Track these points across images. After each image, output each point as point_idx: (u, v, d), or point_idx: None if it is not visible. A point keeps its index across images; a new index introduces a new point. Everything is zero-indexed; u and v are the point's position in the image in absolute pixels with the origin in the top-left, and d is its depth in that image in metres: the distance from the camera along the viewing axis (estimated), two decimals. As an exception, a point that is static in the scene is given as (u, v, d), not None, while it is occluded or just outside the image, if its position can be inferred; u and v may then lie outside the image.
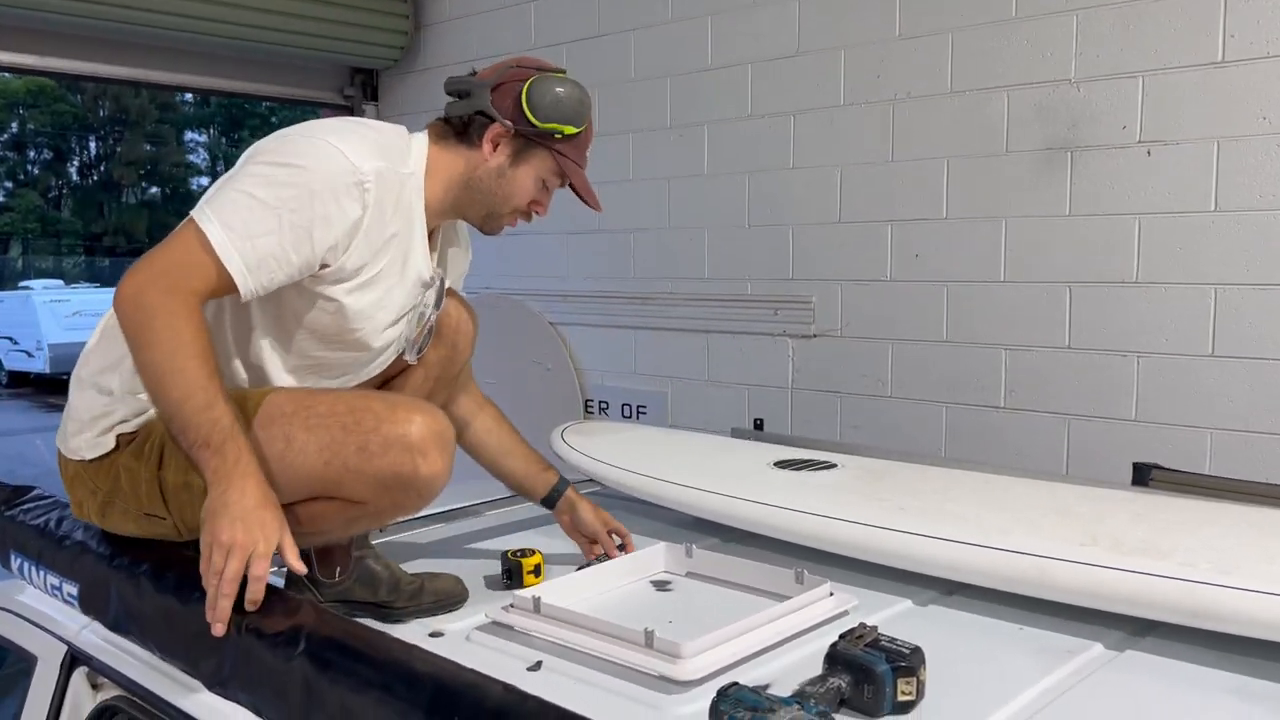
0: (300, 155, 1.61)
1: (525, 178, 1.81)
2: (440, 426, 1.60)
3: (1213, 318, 3.14)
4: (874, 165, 3.80)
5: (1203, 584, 1.57)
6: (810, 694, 1.37)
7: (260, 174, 1.60)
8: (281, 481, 1.59)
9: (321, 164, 1.61)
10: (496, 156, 1.80)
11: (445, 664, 1.19)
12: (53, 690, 1.85)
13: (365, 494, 1.59)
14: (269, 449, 1.59)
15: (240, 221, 1.56)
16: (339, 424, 1.58)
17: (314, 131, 1.67)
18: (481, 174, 1.80)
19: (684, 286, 4.42)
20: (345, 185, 1.61)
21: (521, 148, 1.79)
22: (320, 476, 1.59)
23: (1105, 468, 3.32)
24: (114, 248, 35.20)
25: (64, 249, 35.63)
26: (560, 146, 1.79)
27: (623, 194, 4.59)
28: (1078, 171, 3.35)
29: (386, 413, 1.58)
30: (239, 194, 1.58)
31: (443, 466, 1.59)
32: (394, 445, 1.55)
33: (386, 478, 1.56)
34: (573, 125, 1.78)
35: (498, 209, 1.84)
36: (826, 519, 1.97)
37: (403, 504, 1.63)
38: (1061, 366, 3.42)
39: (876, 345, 3.84)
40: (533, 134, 1.77)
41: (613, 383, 4.68)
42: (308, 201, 1.58)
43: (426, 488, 1.59)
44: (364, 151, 1.65)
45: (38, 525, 1.85)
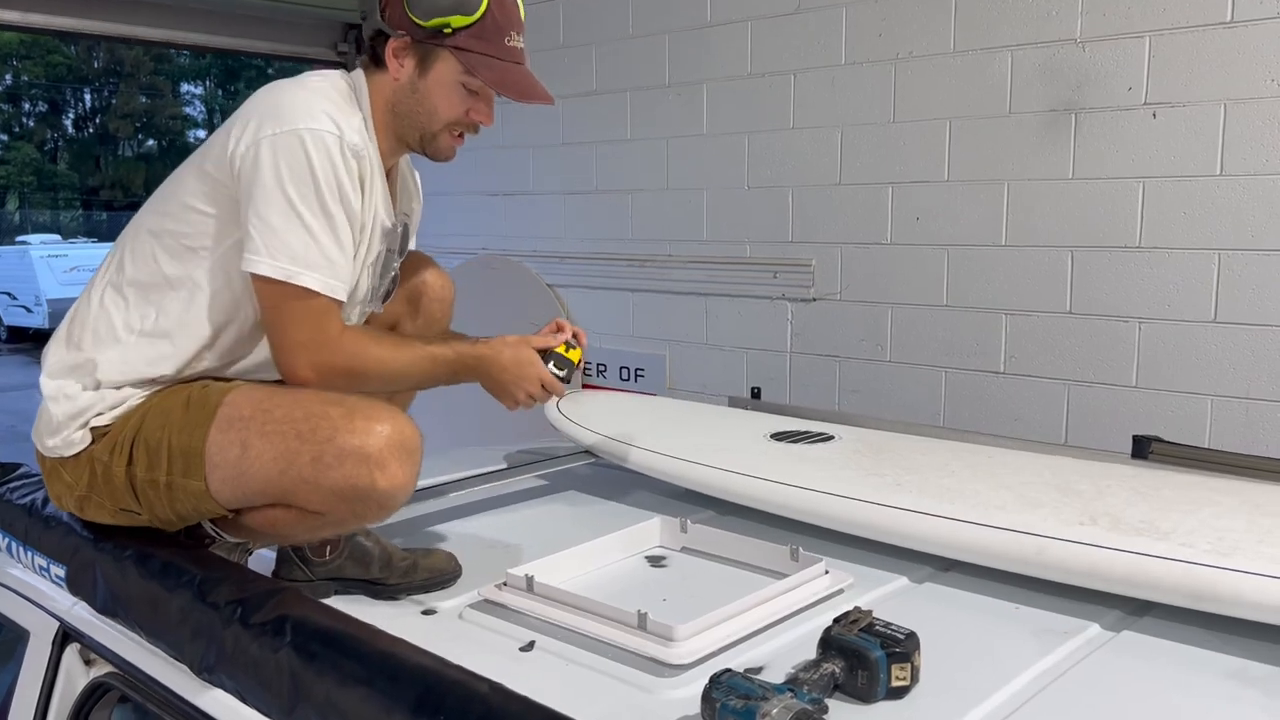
0: (305, 155, 1.58)
1: (439, 86, 1.70)
2: (401, 436, 1.53)
3: (1216, 283, 3.10)
4: (875, 126, 3.75)
5: (1202, 566, 1.55)
6: (803, 680, 1.36)
7: (290, 196, 1.58)
8: (238, 488, 1.58)
9: (321, 153, 1.59)
10: (404, 71, 1.70)
11: (432, 660, 1.17)
12: (45, 666, 1.84)
13: (321, 505, 1.55)
14: (225, 454, 1.57)
15: (314, 255, 1.60)
16: (294, 431, 1.54)
17: (289, 117, 1.60)
18: (399, 95, 1.72)
19: (682, 249, 4.37)
20: (338, 153, 1.61)
21: (423, 54, 1.68)
22: (276, 485, 1.55)
23: (1105, 434, 3.30)
24: (111, 201, 34.99)
25: (60, 202, 35.42)
26: (459, 41, 1.66)
27: (620, 154, 4.53)
28: (1082, 134, 3.29)
29: (344, 421, 1.53)
30: (294, 228, 1.58)
31: (403, 479, 1.53)
32: (349, 457, 1.50)
33: (343, 490, 1.51)
34: (460, 14, 1.63)
35: (428, 126, 1.74)
36: (822, 494, 1.95)
37: (363, 515, 1.58)
38: (1062, 332, 3.39)
39: (876, 309, 3.81)
40: (425, 37, 1.66)
41: (611, 345, 4.65)
42: (334, 189, 1.61)
43: (386, 500, 1.54)
44: (338, 111, 1.64)
45: (25, 504, 1.83)
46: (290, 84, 1.69)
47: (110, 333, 1.68)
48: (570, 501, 2.33)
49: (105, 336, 1.69)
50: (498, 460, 2.74)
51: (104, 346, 1.68)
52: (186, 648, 1.43)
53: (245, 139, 1.60)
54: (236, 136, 1.61)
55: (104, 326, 1.69)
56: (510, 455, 2.78)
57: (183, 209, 1.68)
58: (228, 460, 1.56)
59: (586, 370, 4.76)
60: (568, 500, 2.34)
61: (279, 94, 1.65)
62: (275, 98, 1.64)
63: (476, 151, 5.29)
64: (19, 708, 1.89)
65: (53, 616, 1.85)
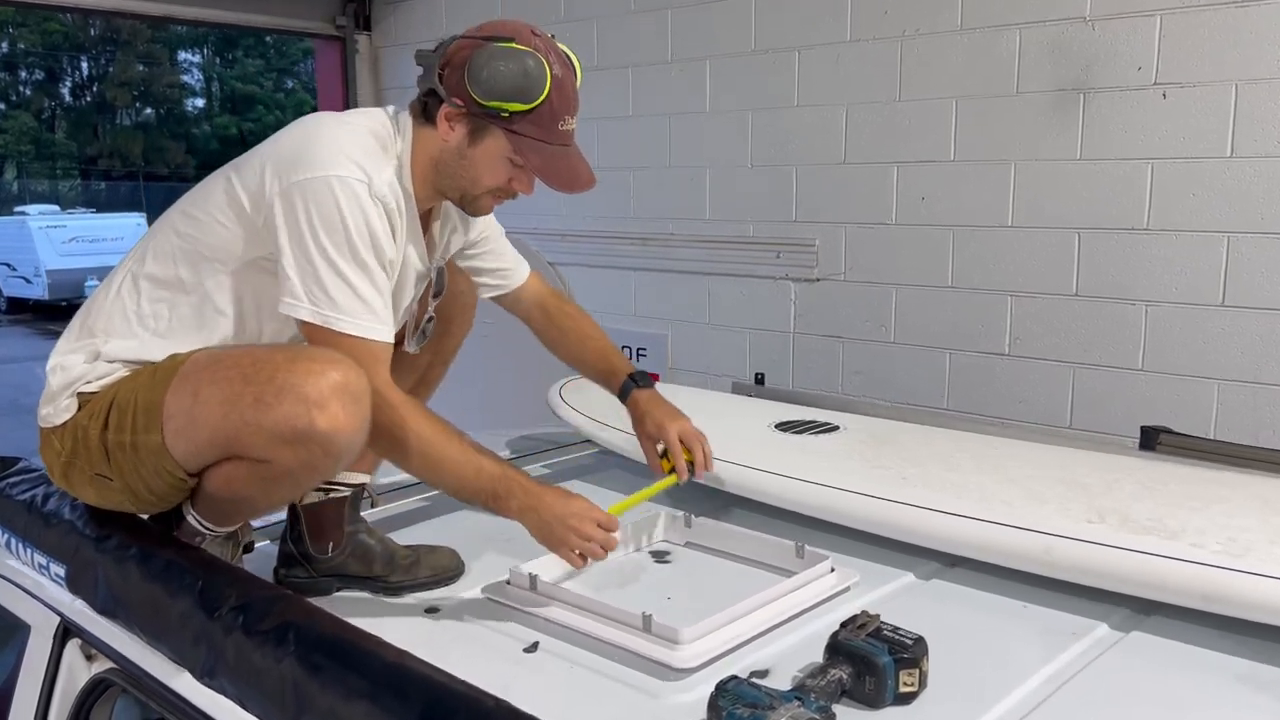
0: (335, 202, 1.57)
1: (487, 157, 1.69)
2: (344, 379, 1.50)
3: (1224, 267, 3.07)
4: (880, 105, 3.70)
5: (1212, 567, 1.54)
6: (810, 687, 1.35)
7: (323, 244, 1.57)
8: (190, 438, 1.57)
9: (351, 201, 1.58)
10: (454, 136, 1.68)
11: (438, 674, 1.15)
12: (46, 661, 1.83)
13: (265, 450, 1.52)
14: (179, 404, 1.56)
15: (350, 301, 1.58)
16: (240, 375, 1.53)
17: (320, 162, 1.59)
18: (445, 155, 1.70)
19: (684, 228, 4.34)
20: (369, 202, 1.60)
21: (475, 126, 1.66)
22: (222, 431, 1.53)
23: (1110, 418, 3.28)
24: (109, 171, 34.82)
25: (59, 172, 35.25)
26: (515, 125, 1.64)
27: (622, 131, 4.48)
28: (1090, 114, 3.25)
29: (286, 363, 1.51)
30: (329, 274, 1.57)
31: (345, 420, 1.49)
32: (287, 396, 1.48)
33: (283, 431, 1.48)
34: (519, 102, 1.61)
35: (469, 190, 1.75)
36: (828, 488, 1.94)
37: (309, 462, 1.53)
38: (1068, 314, 3.37)
39: (880, 290, 3.78)
40: (480, 112, 1.64)
41: (612, 324, 4.57)
42: (367, 239, 1.60)
43: (327, 442, 1.49)
44: (367, 158, 1.63)
45: (25, 501, 1.82)
46: (331, 122, 1.69)
47: (125, 325, 1.69)
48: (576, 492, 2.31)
49: (119, 328, 1.69)
50: (500, 447, 2.72)
51: (116, 337, 1.69)
52: (188, 652, 1.41)
53: (277, 182, 1.59)
54: (273, 174, 1.60)
55: (119, 317, 1.70)
56: (513, 441, 2.76)
57: (207, 216, 1.67)
58: (180, 409, 1.56)
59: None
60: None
61: (316, 134, 1.65)
62: (311, 138, 1.64)
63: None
64: (20, 703, 1.88)
65: (54, 611, 1.83)
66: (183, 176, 34.11)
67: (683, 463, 1.89)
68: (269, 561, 1.84)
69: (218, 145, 36.39)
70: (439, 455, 1.64)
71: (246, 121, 36.61)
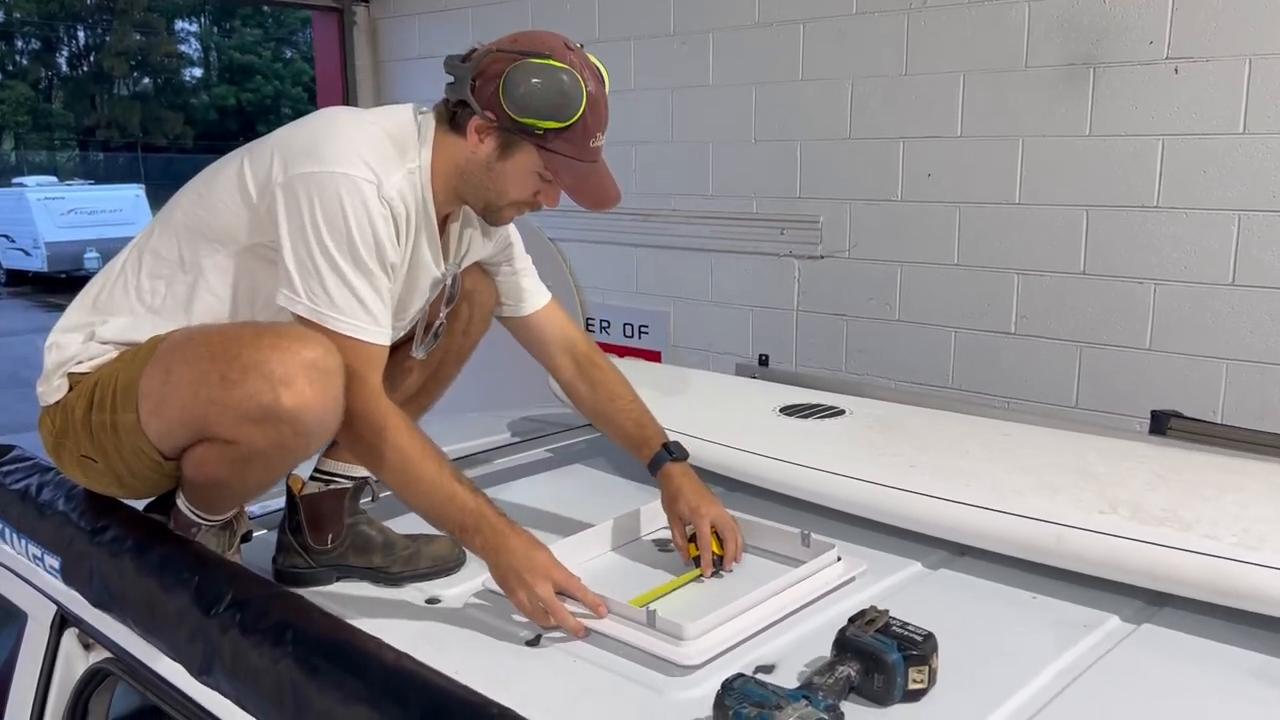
0: (339, 201, 1.53)
1: (516, 171, 1.65)
2: (314, 356, 1.46)
3: (1235, 245, 3.03)
4: (886, 79, 3.65)
5: (1226, 560, 1.51)
6: (818, 685, 1.32)
7: (325, 243, 1.53)
8: (163, 418, 1.54)
9: (356, 202, 1.54)
10: (483, 148, 1.63)
11: (438, 679, 1.13)
12: (44, 650, 1.82)
13: (232, 430, 1.48)
14: (152, 383, 1.54)
15: (348, 301, 1.55)
16: (209, 353, 1.50)
17: (330, 157, 1.55)
18: (471, 165, 1.66)
19: (687, 204, 4.29)
20: (376, 204, 1.56)
21: (507, 140, 1.62)
22: (190, 410, 1.50)
23: (1117, 397, 3.25)
24: (108, 141, 34.65)
25: (56, 142, 35.07)
26: (548, 142, 1.60)
27: (624, 104, 4.37)
28: (1100, 89, 3.20)
29: (252, 340, 1.48)
30: (328, 273, 1.54)
31: (313, 397, 1.45)
32: (252, 373, 1.44)
33: (248, 409, 1.44)
34: (554, 120, 1.57)
35: (494, 201, 1.70)
36: (835, 476, 1.91)
37: (279, 441, 1.48)
38: (1075, 293, 3.33)
39: (885, 267, 3.74)
40: (513, 127, 1.60)
41: (614, 302, 4.59)
42: (370, 242, 1.56)
43: (295, 420, 1.45)
44: (379, 159, 1.58)
45: (18, 490, 1.79)
46: (349, 118, 1.65)
47: (124, 299, 1.67)
48: (577, 477, 2.28)
49: (118, 303, 1.68)
50: (501, 428, 2.70)
51: (113, 315, 1.67)
52: (184, 649, 1.39)
53: (284, 171, 1.56)
54: (281, 162, 1.57)
55: (119, 290, 1.68)
56: (514, 423, 2.74)
57: (214, 197, 1.64)
58: (153, 388, 1.54)
59: (590, 327, 4.70)
60: (574, 476, 2.30)
61: (331, 128, 1.61)
62: (326, 132, 1.60)
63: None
64: (19, 691, 1.87)
65: (50, 600, 1.81)
66: (181, 148, 33.96)
67: (709, 556, 1.77)
68: (268, 550, 1.82)
69: (216, 116, 36.20)
70: (415, 474, 1.58)
71: (245, 92, 36.39)
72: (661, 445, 1.90)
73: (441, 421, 2.25)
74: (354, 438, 1.58)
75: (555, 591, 1.54)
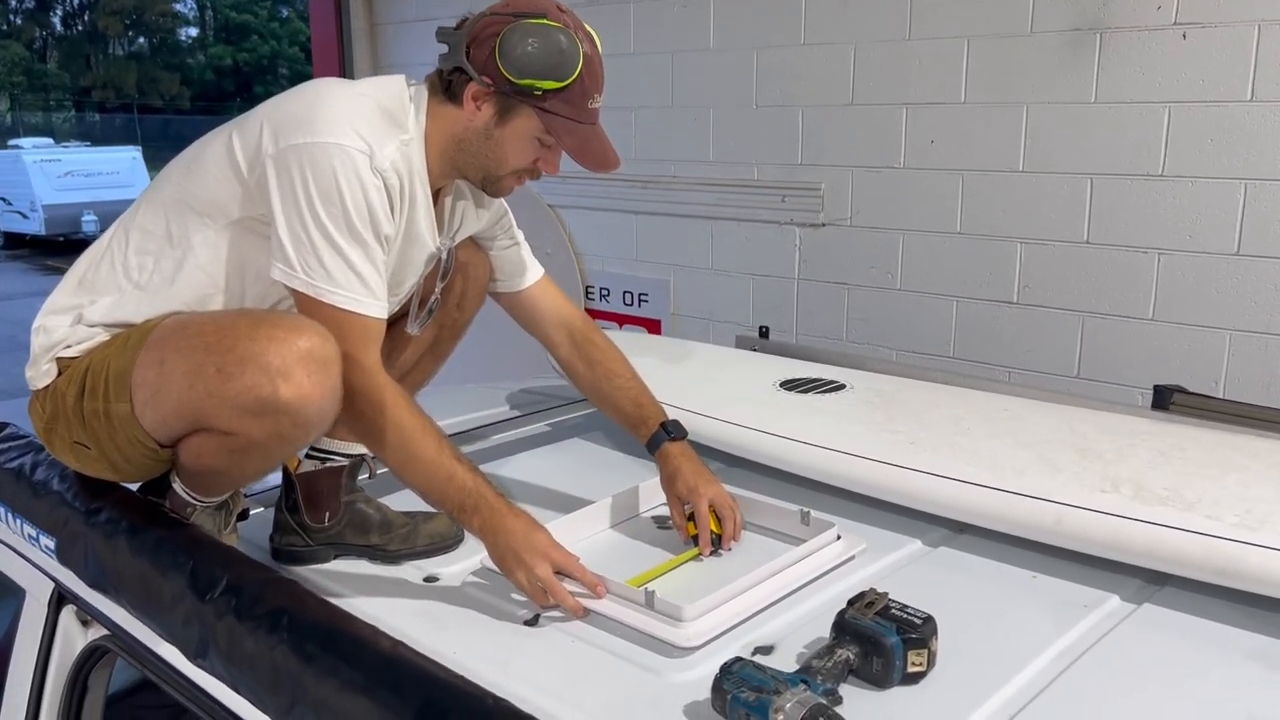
0: (332, 172, 1.50)
1: (515, 137, 1.62)
2: (310, 345, 1.44)
3: (1240, 215, 3.00)
4: (889, 44, 3.59)
5: (1228, 540, 1.50)
6: (817, 669, 1.32)
7: (319, 214, 1.51)
8: (158, 409, 1.53)
9: (349, 172, 1.51)
10: (480, 116, 1.61)
11: (435, 669, 1.12)
12: (42, 627, 1.81)
13: (231, 422, 1.47)
14: (146, 373, 1.52)
15: (343, 273, 1.53)
16: (204, 344, 1.48)
17: (321, 128, 1.52)
18: (469, 134, 1.63)
19: (687, 170, 4.25)
20: (369, 174, 1.53)
21: (505, 105, 1.59)
22: (187, 402, 1.48)
23: (1119, 368, 3.24)
24: (104, 102, 34.37)
25: (52, 103, 34.79)
26: (547, 104, 1.58)
27: (623, 68, 4.36)
28: (1106, 55, 3.15)
29: (248, 331, 1.45)
30: (323, 244, 1.51)
31: (312, 388, 1.43)
32: (249, 365, 1.42)
33: (247, 402, 1.43)
34: (553, 79, 1.55)
35: (493, 171, 1.67)
36: (835, 453, 1.90)
37: (278, 433, 1.47)
38: (1078, 262, 3.30)
39: (887, 236, 3.71)
40: (511, 91, 1.57)
41: (614, 269, 4.56)
42: (364, 213, 1.53)
43: (295, 413, 1.44)
44: (371, 130, 1.55)
45: (13, 469, 1.78)
46: (338, 89, 1.61)
47: (111, 276, 1.65)
48: (576, 452, 2.27)
49: (105, 280, 1.65)
50: (499, 401, 2.68)
51: (104, 292, 1.65)
52: (179, 632, 1.39)
53: (274, 143, 1.53)
54: (270, 133, 1.54)
55: (105, 267, 1.66)
56: (513, 395, 2.73)
57: (203, 170, 1.61)
58: (147, 379, 1.52)
59: (590, 295, 4.68)
60: (573, 451, 2.28)
61: (320, 98, 1.58)
62: (315, 102, 1.57)
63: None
64: (18, 667, 1.87)
65: (48, 577, 1.81)
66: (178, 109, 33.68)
67: (708, 535, 1.76)
68: (265, 528, 1.81)
69: (213, 76, 35.88)
70: (414, 452, 1.56)
71: (242, 52, 36.06)
72: (660, 424, 1.88)
73: (439, 394, 2.24)
74: (353, 415, 1.56)
75: (554, 571, 1.53)
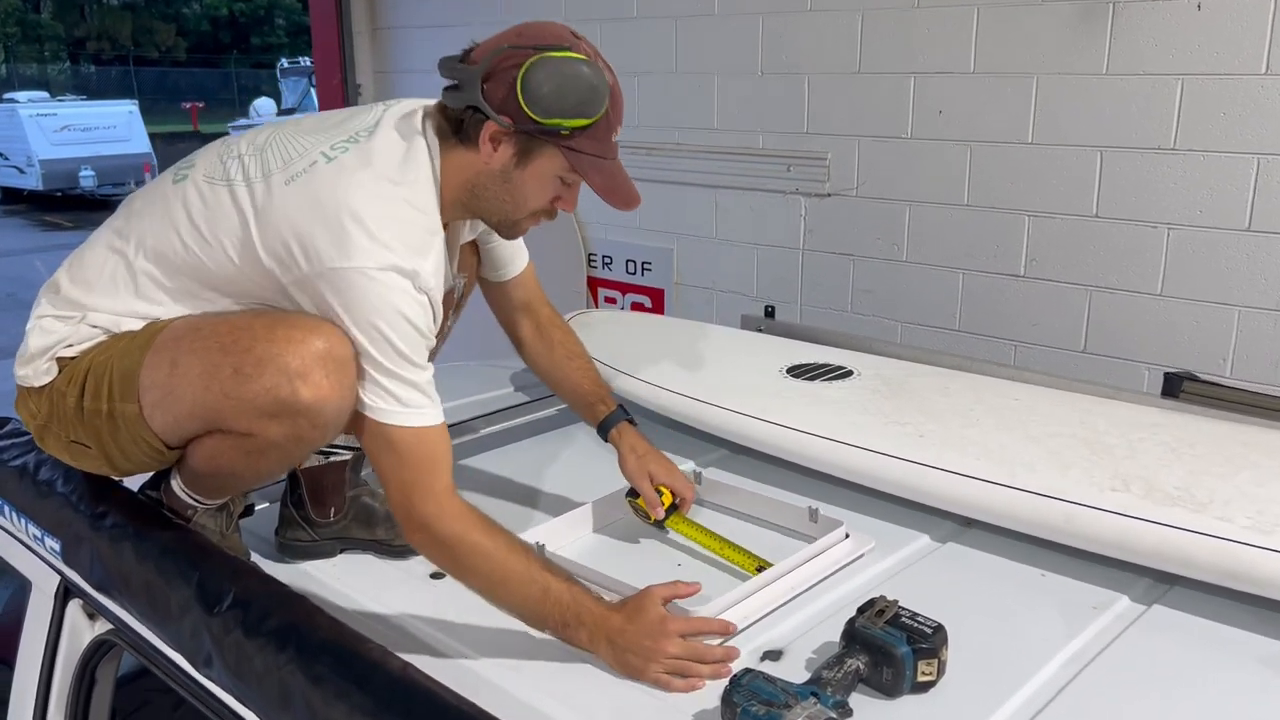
0: (380, 314, 1.43)
1: (536, 178, 1.53)
2: (328, 345, 1.41)
3: (1253, 190, 2.95)
4: (898, 11, 3.52)
5: (1240, 544, 1.49)
6: (827, 680, 1.31)
7: (370, 353, 1.44)
8: (169, 410, 1.49)
9: (390, 309, 1.43)
10: (498, 157, 1.51)
11: (447, 694, 1.12)
12: (49, 620, 1.82)
13: (249, 424, 1.44)
14: (156, 374, 1.48)
15: (408, 392, 1.46)
16: (219, 345, 1.45)
17: (359, 253, 1.42)
18: (485, 178, 1.54)
19: (691, 137, 4.19)
20: (413, 303, 1.45)
21: (526, 145, 1.50)
22: (202, 403, 1.45)
23: (1126, 343, 3.21)
24: (99, 54, 33.98)
25: (47, 54, 34.39)
26: (572, 141, 1.49)
27: (626, 34, 4.30)
28: (1119, 25, 3.09)
29: (264, 332, 1.43)
30: (394, 381, 1.45)
31: (330, 390, 1.41)
32: (268, 367, 1.40)
33: (265, 404, 1.41)
34: (581, 117, 1.47)
35: (511, 215, 1.60)
36: (842, 445, 1.88)
37: (296, 434, 1.45)
38: (1087, 236, 3.26)
39: (893, 207, 3.66)
40: (535, 130, 1.48)
41: (616, 237, 4.52)
42: (414, 339, 1.46)
43: (313, 414, 1.42)
44: (407, 244, 1.45)
45: (17, 468, 1.76)
46: (365, 191, 1.47)
47: (114, 288, 1.58)
48: (581, 441, 2.25)
49: (109, 287, 1.58)
50: (504, 383, 2.67)
51: (108, 296, 1.58)
52: (186, 643, 1.38)
53: (309, 260, 1.44)
54: (301, 248, 1.44)
55: (109, 277, 1.58)
56: (517, 375, 2.71)
57: (219, 249, 1.51)
58: (158, 381, 1.49)
59: (592, 263, 4.64)
60: (578, 440, 2.26)
61: (353, 206, 1.44)
62: (349, 215, 1.44)
63: (473, 27, 5.03)
64: (26, 659, 1.87)
65: (54, 570, 1.81)
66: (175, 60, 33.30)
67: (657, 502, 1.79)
68: (270, 522, 1.80)
69: (209, 27, 35.44)
70: (502, 575, 1.47)
71: (238, 1, 35.58)
72: (618, 405, 1.91)
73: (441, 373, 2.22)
74: (433, 548, 1.49)
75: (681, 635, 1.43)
